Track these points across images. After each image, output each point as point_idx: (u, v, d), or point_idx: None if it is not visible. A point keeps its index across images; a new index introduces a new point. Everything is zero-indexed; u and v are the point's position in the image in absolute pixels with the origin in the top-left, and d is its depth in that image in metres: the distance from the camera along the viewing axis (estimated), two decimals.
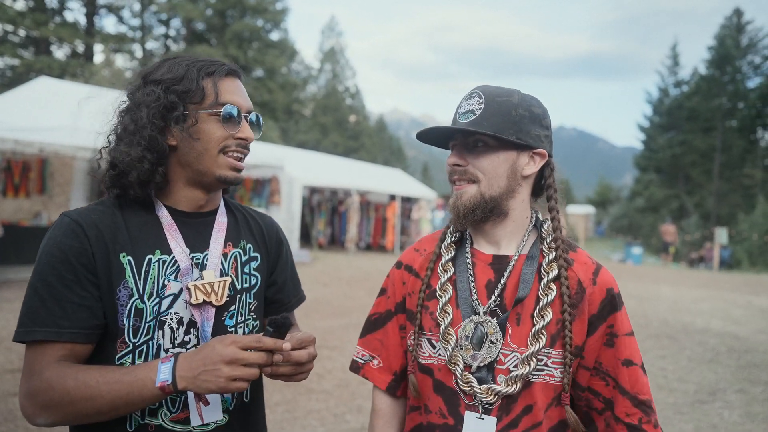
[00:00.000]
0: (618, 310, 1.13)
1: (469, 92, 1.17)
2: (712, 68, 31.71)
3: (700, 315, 8.90)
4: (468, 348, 1.11)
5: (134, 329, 1.09)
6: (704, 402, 4.66)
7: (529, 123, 1.13)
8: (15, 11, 23.33)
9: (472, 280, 1.17)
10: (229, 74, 1.20)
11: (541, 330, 1.08)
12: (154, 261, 1.13)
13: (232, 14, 31.32)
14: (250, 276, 1.27)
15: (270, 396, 4.32)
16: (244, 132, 1.18)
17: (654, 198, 32.59)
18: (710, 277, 15.66)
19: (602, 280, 1.14)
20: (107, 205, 1.16)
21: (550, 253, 1.15)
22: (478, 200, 1.13)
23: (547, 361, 1.09)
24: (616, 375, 1.11)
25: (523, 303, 1.12)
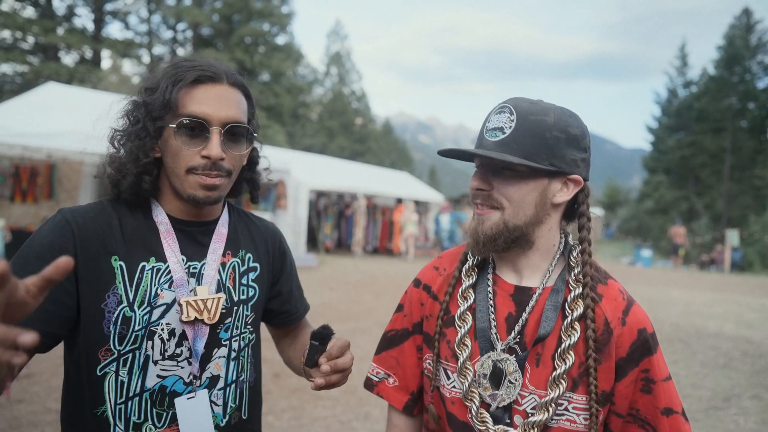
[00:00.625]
0: (653, 354, 1.03)
1: (500, 105, 1.06)
2: (721, 68, 31.43)
3: (713, 319, 8.77)
4: (486, 386, 1.04)
5: (120, 337, 1.03)
6: (719, 408, 4.56)
7: (564, 146, 1.02)
8: (24, 18, 23.56)
9: (493, 312, 1.08)
10: (200, 81, 1.07)
11: (562, 375, 1.00)
12: (147, 268, 1.07)
13: (238, 18, 31.46)
14: (248, 287, 1.21)
15: (276, 403, 4.27)
16: (210, 149, 1.04)
17: (663, 200, 32.31)
18: (722, 280, 15.47)
19: (633, 320, 1.03)
20: (105, 205, 1.12)
21: (577, 287, 1.05)
22: (501, 229, 1.04)
23: (567, 405, 1.01)
24: (656, 425, 1.02)
25: (544, 342, 1.03)
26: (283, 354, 1.44)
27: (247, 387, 1.21)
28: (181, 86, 1.06)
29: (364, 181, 17.45)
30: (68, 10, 26.44)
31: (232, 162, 1.11)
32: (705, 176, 31.25)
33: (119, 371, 1.03)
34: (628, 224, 35.24)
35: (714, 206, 29.91)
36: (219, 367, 1.14)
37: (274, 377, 4.90)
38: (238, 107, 1.11)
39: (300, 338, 1.40)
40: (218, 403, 1.13)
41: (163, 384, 1.07)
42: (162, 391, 1.07)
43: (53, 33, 24.02)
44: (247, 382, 1.21)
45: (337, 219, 17.52)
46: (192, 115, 1.04)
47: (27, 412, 3.78)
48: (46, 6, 25.14)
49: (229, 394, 1.15)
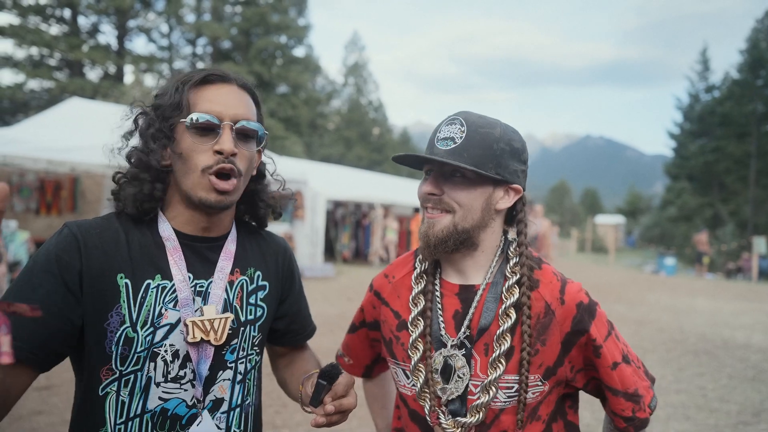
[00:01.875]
0: (593, 320, 1.14)
1: (450, 117, 1.15)
2: (745, 72, 30.83)
3: (740, 329, 8.51)
4: (437, 381, 1.14)
5: (122, 357, 1.00)
6: (748, 424, 4.39)
7: (508, 158, 1.12)
8: (50, 36, 24.30)
9: (440, 313, 1.17)
10: (207, 81, 1.08)
11: (498, 358, 1.09)
12: (152, 286, 1.04)
13: (256, 32, 31.97)
14: (256, 307, 1.18)
15: (291, 416, 4.25)
16: (221, 143, 1.03)
17: (687, 206, 31.67)
18: (749, 289, 15.04)
19: (569, 297, 1.14)
20: (111, 220, 1.09)
21: (513, 276, 1.14)
22: (451, 231, 1.12)
23: (517, 388, 1.10)
24: (608, 381, 1.14)
25: (489, 332, 1.12)
26: (277, 374, 1.40)
27: (252, 411, 1.18)
28: (190, 86, 1.06)
29: (382, 190, 17.46)
30: (93, 27, 27.21)
31: (244, 162, 1.09)
32: (730, 182, 30.55)
33: (120, 391, 1.01)
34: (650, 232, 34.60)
35: (740, 213, 29.19)
36: (224, 390, 1.10)
37: None
38: (248, 107, 1.11)
39: (297, 362, 1.36)
40: (221, 427, 1.10)
41: (164, 407, 1.04)
42: (164, 414, 1.04)
43: (78, 49, 24.73)
44: (252, 406, 1.18)
45: (355, 229, 17.53)
46: (204, 111, 1.04)
47: (45, 423, 3.82)
48: (72, 23, 25.90)
49: (233, 419, 1.12)
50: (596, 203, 69.29)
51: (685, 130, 34.88)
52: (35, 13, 24.15)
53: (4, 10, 23.09)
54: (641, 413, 1.15)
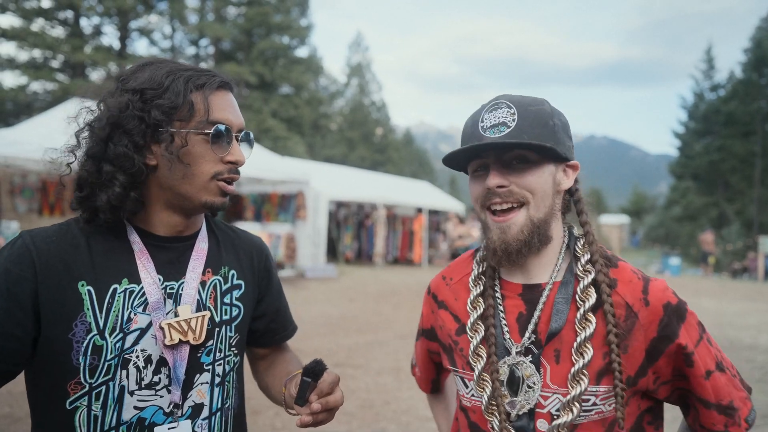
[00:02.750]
0: (683, 323, 1.01)
1: (491, 103, 1.03)
2: (749, 71, 30.69)
3: (747, 330, 8.42)
4: (504, 394, 1.02)
5: (91, 369, 0.95)
6: (756, 426, 4.31)
7: (563, 133, 1.03)
8: (53, 38, 24.38)
9: (503, 317, 1.06)
10: (221, 87, 1.05)
11: (581, 370, 0.97)
12: (119, 291, 0.99)
13: (258, 32, 32.01)
14: (231, 307, 1.13)
15: (291, 418, 4.18)
16: (235, 154, 1.04)
17: (692, 206, 31.54)
18: (755, 289, 14.93)
19: (655, 297, 1.00)
20: (71, 226, 1.03)
21: (586, 276, 1.01)
22: (531, 228, 1.00)
23: (595, 399, 0.98)
24: (701, 392, 1.01)
25: (561, 337, 1.00)
26: (258, 377, 1.34)
27: (232, 415, 1.13)
28: (207, 91, 1.02)
29: (384, 191, 17.43)
30: (95, 29, 27.28)
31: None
32: (735, 181, 30.41)
33: (91, 405, 0.96)
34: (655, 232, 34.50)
35: (745, 212, 29.05)
36: (202, 395, 1.05)
37: None
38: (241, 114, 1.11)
39: (278, 364, 1.30)
40: None
41: (141, 416, 0.99)
42: (140, 424, 0.99)
43: (81, 51, 24.78)
44: (232, 409, 1.13)
45: (357, 229, 17.51)
46: (221, 121, 1.02)
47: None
48: (74, 25, 25.98)
49: (214, 424, 1.07)
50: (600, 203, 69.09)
51: (689, 129, 34.76)
52: (38, 15, 24.24)
53: (7, 12, 23.19)
54: (735, 428, 1.03)
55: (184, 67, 1.04)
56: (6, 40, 23.46)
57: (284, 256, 12.72)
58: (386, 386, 5.06)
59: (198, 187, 1.02)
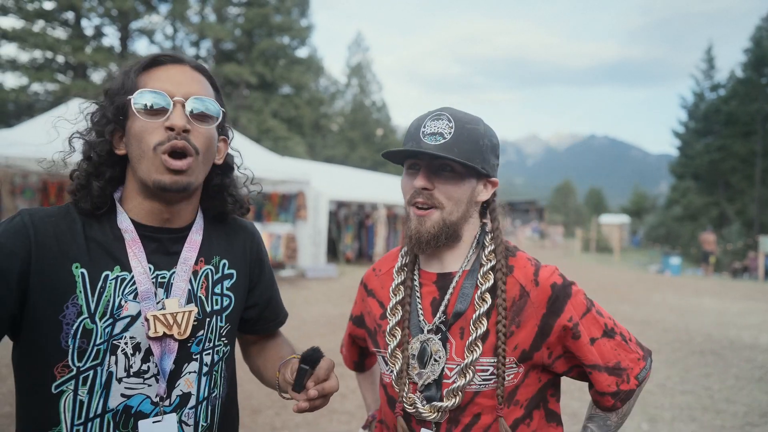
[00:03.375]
0: (569, 299, 1.15)
1: (435, 113, 1.16)
2: (749, 71, 30.66)
3: (747, 329, 8.42)
4: (414, 366, 1.17)
5: (80, 352, 0.96)
6: (755, 425, 4.33)
7: (490, 153, 1.18)
8: (54, 38, 24.42)
9: (419, 301, 1.22)
10: (157, 63, 1.05)
11: (475, 341, 1.11)
12: (111, 278, 1.00)
13: (259, 33, 32.04)
14: (222, 297, 1.13)
15: (291, 417, 4.21)
16: (172, 119, 0.99)
17: (692, 206, 31.49)
18: (756, 288, 14.91)
19: (544, 278, 1.16)
20: (69, 209, 1.05)
21: (488, 263, 1.18)
22: (441, 226, 1.15)
23: (492, 370, 1.12)
24: (589, 358, 1.15)
25: (465, 316, 1.15)
26: (249, 362, 1.36)
27: (219, 404, 1.13)
28: (138, 68, 1.04)
29: (385, 191, 17.43)
30: (96, 30, 27.31)
31: (200, 140, 1.03)
32: (735, 181, 30.37)
33: (78, 390, 0.96)
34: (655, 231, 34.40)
35: (746, 212, 29.02)
36: (190, 384, 1.06)
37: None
38: (202, 86, 1.07)
39: (270, 348, 1.32)
40: (189, 423, 1.06)
41: (127, 404, 0.99)
42: (127, 412, 0.99)
43: (82, 52, 24.82)
44: (219, 398, 1.13)
45: (358, 229, 17.51)
46: (153, 89, 1.01)
47: None
48: (75, 26, 26.02)
49: (200, 413, 1.08)
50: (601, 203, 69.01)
51: (690, 129, 34.71)
52: (39, 16, 24.28)
53: (8, 13, 23.21)
54: (625, 385, 1.16)
55: (138, 59, 1.08)
56: (7, 42, 23.50)
57: (285, 256, 12.73)
58: None
59: (147, 166, 1.00)
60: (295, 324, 7.38)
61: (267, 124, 29.48)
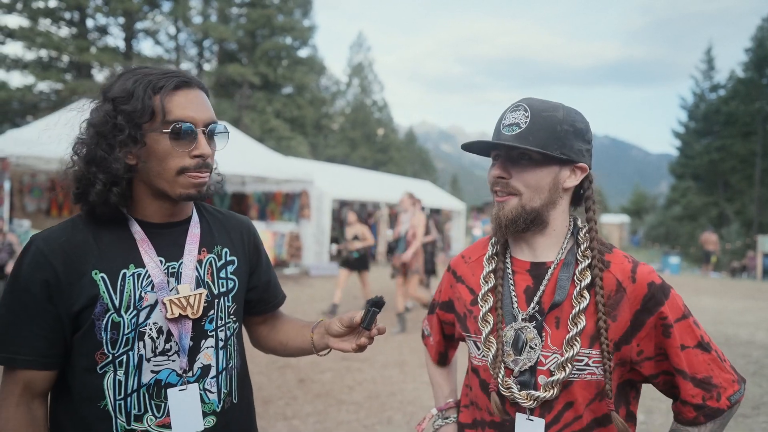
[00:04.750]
0: (665, 300, 1.16)
1: (514, 104, 1.21)
2: (750, 71, 30.71)
3: (745, 326, 8.56)
4: (509, 353, 1.20)
5: (112, 341, 1.11)
6: (747, 416, 4.48)
7: (572, 138, 1.17)
8: (59, 38, 24.54)
9: (513, 289, 1.24)
10: (180, 86, 1.13)
11: (575, 337, 1.14)
12: (128, 275, 1.14)
13: (261, 33, 32.12)
14: (227, 280, 1.29)
15: (301, 407, 4.37)
16: (200, 148, 1.13)
17: (692, 206, 31.57)
18: (754, 287, 15.04)
19: (641, 277, 1.17)
20: (76, 223, 1.17)
21: (584, 260, 1.19)
22: (519, 212, 1.18)
23: (588, 360, 1.15)
24: (676, 362, 1.14)
25: (561, 307, 1.18)
26: (262, 342, 1.51)
27: (236, 373, 1.29)
28: (164, 93, 1.11)
29: (387, 190, 17.56)
30: (101, 30, 27.43)
31: (212, 157, 1.20)
32: (735, 181, 30.45)
33: (116, 372, 1.12)
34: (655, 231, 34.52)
35: (745, 212, 29.10)
36: (209, 357, 1.22)
37: (299, 382, 5.00)
38: (210, 108, 1.20)
39: (284, 324, 1.49)
40: (213, 391, 1.22)
41: (158, 378, 1.15)
42: (158, 384, 1.15)
43: (87, 51, 24.96)
44: (235, 368, 1.29)
45: None
46: (181, 119, 1.11)
47: None
48: (80, 25, 26.14)
49: (221, 381, 1.24)
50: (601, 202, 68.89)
51: (690, 129, 34.76)
52: (44, 15, 24.38)
53: (14, 12, 23.33)
54: (713, 402, 1.12)
55: (150, 73, 1.13)
56: (13, 41, 23.62)
57: (288, 255, 12.83)
58: (392, 378, 5.23)
59: (169, 182, 1.13)
60: None
61: (270, 124, 29.57)
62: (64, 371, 1.15)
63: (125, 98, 1.10)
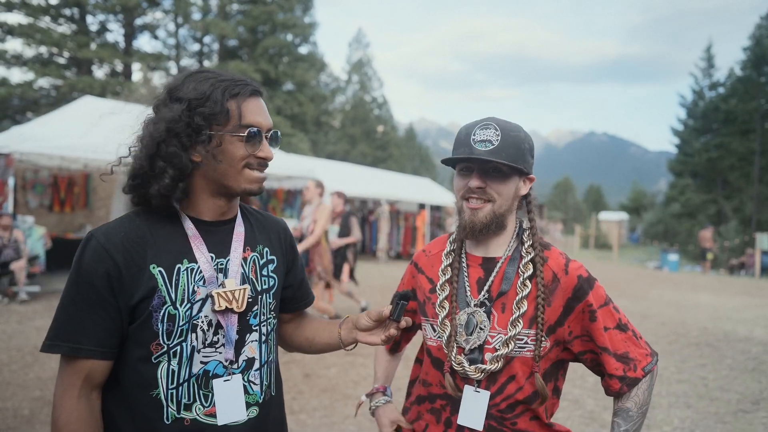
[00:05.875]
0: (591, 290, 1.38)
1: (483, 122, 1.39)
2: (749, 69, 30.74)
3: (743, 323, 8.65)
4: (461, 333, 1.40)
5: (168, 333, 1.17)
6: (747, 412, 4.55)
7: (528, 154, 1.40)
8: (59, 34, 24.49)
9: (467, 279, 1.45)
10: (253, 94, 1.24)
11: (518, 318, 1.35)
12: (183, 270, 1.19)
13: (262, 30, 32.08)
14: (269, 278, 1.36)
15: (308, 401, 4.43)
16: (264, 151, 1.25)
17: (690, 203, 31.66)
18: (752, 285, 15.14)
19: (572, 269, 1.40)
20: (132, 219, 1.22)
21: (527, 255, 1.42)
22: (492, 217, 1.38)
23: (527, 339, 1.35)
24: (601, 341, 1.37)
25: (507, 295, 1.39)
26: (289, 339, 1.56)
27: (274, 366, 1.37)
28: (240, 99, 1.20)
29: (387, 187, 17.61)
30: (101, 26, 27.36)
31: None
32: (733, 179, 30.53)
33: (170, 362, 1.17)
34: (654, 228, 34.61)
35: (743, 209, 29.20)
36: (253, 350, 1.29)
37: (305, 377, 5.06)
38: (269, 115, 1.30)
39: (310, 322, 1.55)
40: (256, 383, 1.28)
41: (206, 369, 1.21)
42: (206, 375, 1.21)
43: (86, 48, 24.88)
44: (274, 362, 1.37)
45: (361, 225, 17.71)
46: (253, 124, 1.21)
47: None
48: (80, 22, 26.08)
49: (264, 374, 1.31)
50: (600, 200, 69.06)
51: (689, 126, 34.80)
52: (44, 12, 24.32)
53: (14, 9, 23.28)
54: (631, 372, 1.36)
55: (222, 78, 1.22)
56: (13, 37, 23.57)
57: None
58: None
59: (235, 178, 1.22)
60: None
61: None
62: (116, 362, 1.20)
63: (202, 100, 1.17)
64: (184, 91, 1.19)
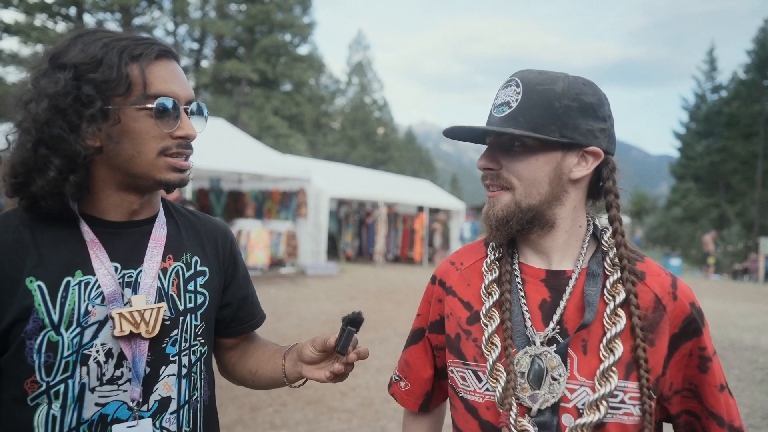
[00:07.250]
0: (703, 328, 0.96)
1: (507, 80, 0.99)
2: (752, 72, 30.66)
3: (749, 330, 8.41)
4: (524, 387, 0.93)
5: (47, 366, 0.90)
6: (758, 428, 4.31)
7: (578, 115, 0.93)
8: (56, 33, 24.39)
9: (524, 303, 0.99)
10: (161, 56, 0.97)
11: (611, 367, 0.90)
12: (73, 284, 0.93)
13: (260, 30, 32.05)
14: (196, 294, 1.08)
15: (291, 415, 4.19)
16: (184, 128, 0.97)
17: (693, 207, 31.54)
18: (756, 290, 14.92)
19: (683, 294, 0.96)
20: (12, 219, 0.96)
21: (615, 271, 0.96)
22: (513, 210, 0.96)
23: (623, 397, 0.90)
24: (715, 406, 0.94)
25: (590, 329, 0.94)
26: (230, 370, 1.27)
27: (201, 407, 1.08)
28: (144, 62, 0.94)
29: (385, 189, 17.42)
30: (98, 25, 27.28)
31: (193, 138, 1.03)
32: (736, 183, 30.42)
33: (51, 405, 0.91)
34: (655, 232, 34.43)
35: (746, 213, 29.06)
36: (169, 388, 1.01)
37: (289, 389, 4.82)
38: (188, 83, 1.03)
39: (255, 350, 1.24)
40: (171, 429, 1.01)
41: (103, 412, 0.94)
42: (102, 421, 0.94)
43: None
44: (201, 401, 1.08)
45: (358, 227, 17.50)
46: (164, 94, 0.94)
47: None
48: (77, 21, 25.98)
49: (183, 417, 1.03)
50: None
51: (691, 130, 34.77)
52: (41, 10, 24.25)
53: (11, 7, 23.18)
54: None
55: (119, 37, 0.95)
56: (9, 35, 23.47)
57: (285, 254, 12.71)
58: (387, 384, 5.05)
59: (148, 166, 0.96)
60: (295, 322, 7.36)
61: (268, 121, 29.47)
62: None
63: (93, 65, 0.90)
64: (70, 56, 0.91)
